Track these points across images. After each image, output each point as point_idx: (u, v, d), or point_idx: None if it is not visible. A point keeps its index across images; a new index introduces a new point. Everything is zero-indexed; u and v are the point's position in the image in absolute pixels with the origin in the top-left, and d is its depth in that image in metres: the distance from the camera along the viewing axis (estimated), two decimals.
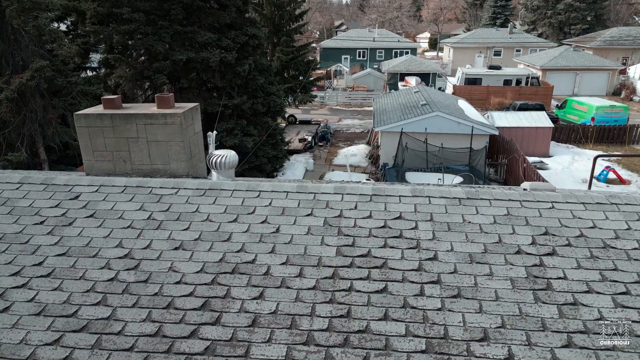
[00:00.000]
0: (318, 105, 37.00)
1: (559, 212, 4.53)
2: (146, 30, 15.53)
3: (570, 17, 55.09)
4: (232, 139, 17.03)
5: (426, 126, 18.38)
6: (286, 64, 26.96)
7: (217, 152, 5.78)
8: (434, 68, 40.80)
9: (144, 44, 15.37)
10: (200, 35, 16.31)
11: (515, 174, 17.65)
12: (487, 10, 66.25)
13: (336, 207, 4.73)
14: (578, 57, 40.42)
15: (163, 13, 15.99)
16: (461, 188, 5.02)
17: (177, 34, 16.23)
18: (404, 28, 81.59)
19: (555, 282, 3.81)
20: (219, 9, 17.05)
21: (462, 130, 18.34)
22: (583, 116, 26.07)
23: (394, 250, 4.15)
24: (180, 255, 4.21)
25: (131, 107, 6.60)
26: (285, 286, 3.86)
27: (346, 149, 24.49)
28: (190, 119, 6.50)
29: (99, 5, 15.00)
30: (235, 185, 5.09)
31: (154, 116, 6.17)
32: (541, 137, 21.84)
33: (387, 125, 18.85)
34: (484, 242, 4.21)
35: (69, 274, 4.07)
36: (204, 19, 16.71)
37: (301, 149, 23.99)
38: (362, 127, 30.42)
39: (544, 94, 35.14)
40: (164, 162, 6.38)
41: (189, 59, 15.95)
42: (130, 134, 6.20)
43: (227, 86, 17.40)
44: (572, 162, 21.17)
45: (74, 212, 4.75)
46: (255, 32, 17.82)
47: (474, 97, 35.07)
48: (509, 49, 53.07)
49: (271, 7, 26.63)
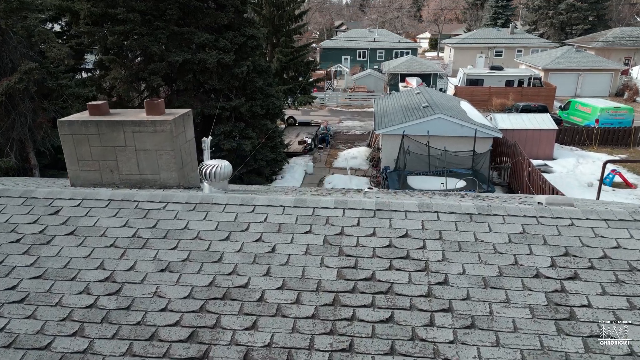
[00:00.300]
0: (318, 107, 36.65)
1: (579, 230, 4.17)
2: (141, 31, 15.17)
3: (572, 17, 54.73)
4: (230, 142, 16.67)
5: (428, 129, 18.02)
6: (285, 65, 26.59)
7: (209, 162, 5.42)
8: (435, 69, 40.45)
9: (139, 45, 15.02)
10: (197, 36, 15.95)
11: (519, 177, 17.29)
12: (488, 10, 65.89)
13: (337, 223, 4.38)
14: (580, 58, 40.06)
15: (159, 13, 15.64)
16: (472, 202, 4.66)
17: (174, 34, 15.87)
18: (404, 28, 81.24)
19: (579, 311, 3.46)
20: (216, 9, 16.70)
21: (465, 133, 17.97)
22: (587, 118, 25.71)
23: (400, 273, 3.79)
24: (167, 278, 3.85)
25: (119, 113, 6.25)
26: (281, 314, 3.51)
27: (346, 152, 24.13)
28: (181, 126, 6.14)
29: (92, 5, 14.65)
30: (228, 198, 4.73)
31: (142, 123, 5.81)
32: (545, 139, 21.48)
33: (388, 127, 18.49)
34: (498, 264, 3.85)
35: (44, 300, 3.72)
36: (201, 20, 16.36)
37: (301, 152, 23.63)
38: (362, 129, 30.05)
39: (546, 95, 34.77)
40: (153, 172, 6.03)
41: (185, 61, 15.59)
42: (118, 142, 5.85)
43: (224, 88, 17.04)
44: (576, 165, 20.80)
45: (53, 229, 4.40)
46: (254, 33, 17.47)
47: (475, 98, 34.72)
48: (511, 49, 52.69)
49: (270, 7, 26.26)
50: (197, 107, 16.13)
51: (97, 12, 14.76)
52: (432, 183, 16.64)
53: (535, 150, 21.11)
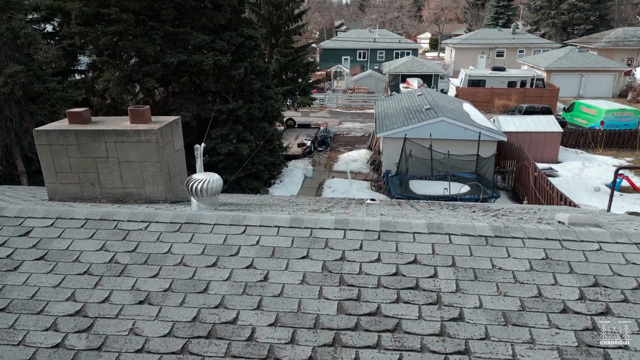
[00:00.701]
0: (318, 108, 36.21)
1: (609, 256, 3.73)
2: (135, 32, 14.74)
3: (574, 17, 54.28)
4: (227, 146, 16.23)
5: (431, 132, 17.57)
6: (285, 66, 26.14)
7: (198, 177, 4.97)
8: (436, 69, 40.00)
9: (132, 46, 14.58)
10: (193, 37, 15.51)
11: (524, 182, 16.85)
12: (489, 10, 65.45)
13: (337, 246, 3.94)
14: (583, 58, 39.61)
15: (153, 13, 15.21)
16: (487, 222, 4.22)
17: (169, 35, 15.44)
18: (405, 28, 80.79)
19: (614, 354, 3.02)
20: (213, 9, 16.26)
21: (469, 136, 17.53)
22: (592, 120, 25.26)
23: (409, 307, 3.36)
24: (145, 311, 3.42)
25: (101, 121, 5.82)
26: (274, 357, 3.07)
27: (346, 154, 23.69)
28: (168, 135, 5.70)
29: (84, 5, 14.21)
30: (217, 217, 4.29)
31: (125, 133, 5.38)
32: (550, 142, 21.04)
33: (390, 130, 18.04)
34: (520, 296, 3.42)
35: (5, 338, 3.29)
36: (197, 20, 15.92)
37: (300, 155, 23.19)
38: (362, 131, 29.61)
39: (549, 96, 34.33)
40: (138, 186, 5.59)
41: (180, 62, 15.16)
42: (99, 153, 5.42)
43: (221, 90, 16.60)
44: (582, 168, 20.36)
45: (22, 253, 3.97)
46: (252, 33, 17.03)
47: (477, 100, 34.28)
48: (512, 49, 52.25)
49: (269, 7, 25.80)
50: (192, 110, 15.70)
51: (89, 12, 14.33)
52: (434, 188, 16.20)
53: (540, 153, 20.66)
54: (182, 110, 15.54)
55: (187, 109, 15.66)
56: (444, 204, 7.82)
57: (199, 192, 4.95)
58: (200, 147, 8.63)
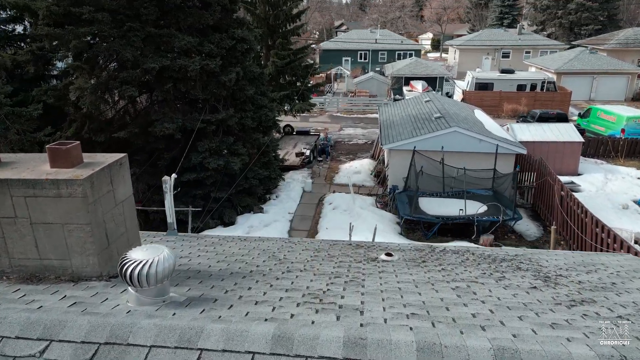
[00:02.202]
0: (317, 112, 34.53)
1: None
2: (111, 33, 13.06)
3: (582, 17, 52.60)
4: (216, 161, 14.55)
5: (443, 144, 15.90)
6: (282, 69, 24.43)
7: (134, 256, 3.29)
8: (441, 72, 38.33)
9: (108, 50, 12.91)
10: (178, 39, 13.84)
11: (547, 200, 15.17)
12: (493, 10, 63.78)
13: None
14: (595, 60, 37.95)
15: (133, 13, 13.54)
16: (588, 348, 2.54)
17: (150, 37, 13.76)
18: (407, 28, 79.09)
19: None
20: (200, 7, 14.59)
21: (485, 148, 15.86)
22: (611, 127, 23.58)
23: None
24: None
25: (12, 163, 4.14)
26: None
27: (348, 165, 22.01)
28: (106, 183, 4.01)
29: (54, 3, 12.53)
30: (157, 334, 2.66)
31: (39, 183, 3.69)
32: (569, 152, 19.37)
33: (397, 142, 16.36)
34: None
35: None
36: (183, 20, 14.24)
37: (298, 165, 21.50)
38: (365, 138, 27.93)
39: (560, 100, 32.65)
40: (60, 256, 3.90)
41: (163, 67, 13.48)
42: (4, 211, 3.75)
43: (210, 98, 14.93)
44: (605, 181, 18.69)
45: None
46: (244, 35, 15.35)
47: (485, 104, 32.59)
48: (518, 50, 50.58)
49: (265, 6, 24.09)
50: (177, 121, 14.01)
51: (59, 11, 12.65)
52: (448, 207, 14.53)
53: (559, 165, 18.98)
54: (166, 121, 13.87)
55: (171, 120, 13.98)
56: (479, 255, 6.17)
57: (137, 281, 3.26)
58: (170, 180, 6.92)
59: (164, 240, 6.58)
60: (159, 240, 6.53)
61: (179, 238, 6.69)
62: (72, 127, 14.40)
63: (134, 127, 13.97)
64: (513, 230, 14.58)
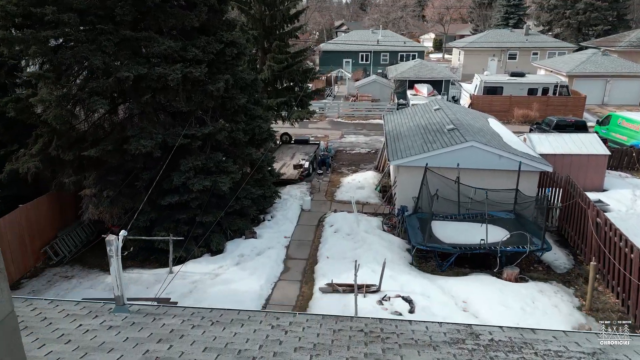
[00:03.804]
0: (317, 118, 32.78)
1: None
2: (79, 37, 11.31)
3: (591, 17, 50.81)
4: (202, 181, 12.78)
5: (459, 161, 14.15)
6: (279, 74, 22.65)
7: None
8: (447, 74, 36.55)
9: (75, 56, 11.15)
10: (158, 44, 12.09)
11: (577, 225, 13.39)
12: (498, 10, 61.96)
13: None
14: (608, 62, 36.17)
15: (106, 14, 11.79)
16: None
17: (126, 41, 12.01)
18: (409, 29, 77.26)
19: None
20: (184, 7, 12.85)
21: (505, 165, 14.10)
22: (634, 137, 21.80)
23: None
24: None
25: None
26: None
27: (351, 178, 20.24)
28: None
29: (11, 2, 10.78)
30: None
31: None
32: (594, 166, 17.62)
33: (407, 158, 14.58)
34: None
35: None
36: (164, 22, 12.50)
37: (296, 179, 19.74)
38: (368, 146, 26.17)
39: (574, 105, 30.88)
40: None
41: (140, 76, 11.73)
42: None
43: (196, 110, 13.17)
44: (634, 199, 16.93)
45: None
46: (234, 38, 13.59)
47: (494, 109, 30.83)
48: (525, 51, 48.83)
49: (260, 6, 22.30)
50: (157, 137, 12.25)
51: (17, 11, 10.89)
52: (466, 234, 12.77)
53: (582, 180, 17.23)
54: (143, 137, 12.10)
55: (149, 136, 12.22)
56: (543, 354, 4.42)
57: None
58: (117, 240, 5.16)
59: (104, 325, 4.81)
60: (98, 326, 4.76)
61: (128, 320, 4.92)
62: (38, 143, 12.65)
63: (107, 143, 12.21)
64: (540, 260, 12.82)
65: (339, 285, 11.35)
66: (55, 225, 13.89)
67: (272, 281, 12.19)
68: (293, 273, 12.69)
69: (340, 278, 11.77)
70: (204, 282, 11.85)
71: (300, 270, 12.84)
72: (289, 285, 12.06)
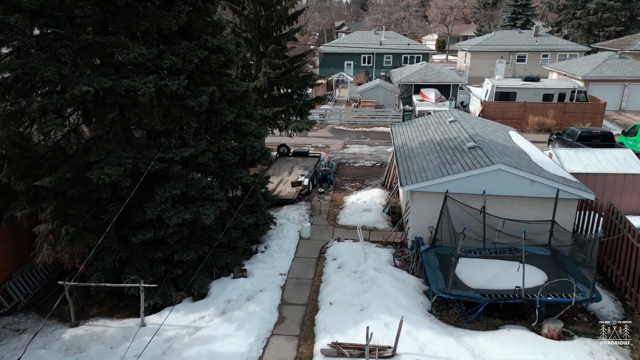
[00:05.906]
0: (318, 126, 30.75)
1: None
2: (27, 43, 9.28)
3: (603, 17, 48.76)
4: (180, 214, 10.72)
5: (484, 186, 12.12)
6: (275, 81, 20.60)
7: None
8: (455, 78, 34.50)
9: (22, 67, 9.11)
10: (126, 50, 10.06)
11: (622, 261, 11.36)
12: (505, 10, 59.88)
13: None
14: (626, 66, 34.13)
15: (64, 15, 9.75)
16: None
17: (88, 48, 9.98)
18: (412, 29, 75.18)
19: None
20: (159, 7, 10.83)
21: (538, 192, 12.07)
22: None
23: None
24: None
25: None
26: None
27: (355, 197, 18.19)
28: None
29: None
30: None
31: None
32: (630, 187, 15.58)
33: (423, 183, 12.54)
34: None
35: None
36: (135, 24, 10.47)
37: (294, 198, 17.69)
38: (372, 158, 24.14)
39: (592, 112, 28.82)
40: None
41: (103, 90, 9.71)
42: None
43: (174, 128, 11.14)
44: None
45: None
46: (221, 44, 11.55)
47: (507, 116, 28.86)
48: (535, 54, 46.79)
49: (255, 6, 20.24)
50: (126, 163, 10.21)
51: None
52: (497, 278, 10.73)
53: (616, 202, 15.24)
54: (109, 164, 10.06)
55: (116, 161, 10.18)
56: None
57: None
58: None
59: None
60: None
61: None
62: None
63: (65, 170, 10.17)
64: (584, 309, 10.78)
65: (344, 347, 9.31)
66: (8, 264, 11.86)
67: (264, 337, 10.13)
68: (289, 325, 10.63)
69: (346, 334, 9.73)
70: (181, 339, 9.80)
71: (298, 321, 10.78)
72: (285, 343, 10.00)
